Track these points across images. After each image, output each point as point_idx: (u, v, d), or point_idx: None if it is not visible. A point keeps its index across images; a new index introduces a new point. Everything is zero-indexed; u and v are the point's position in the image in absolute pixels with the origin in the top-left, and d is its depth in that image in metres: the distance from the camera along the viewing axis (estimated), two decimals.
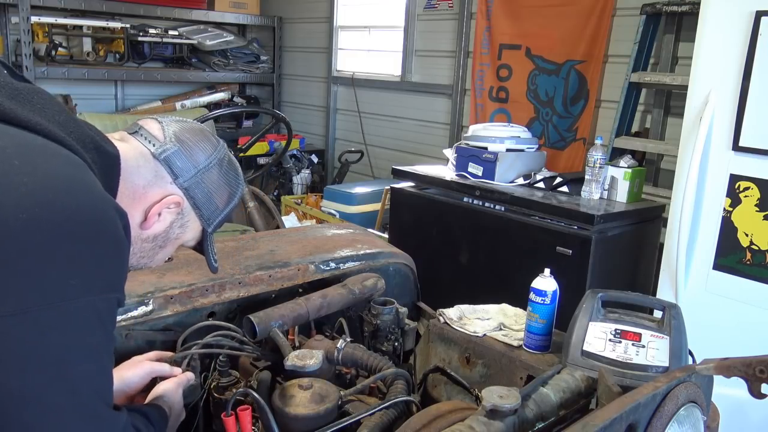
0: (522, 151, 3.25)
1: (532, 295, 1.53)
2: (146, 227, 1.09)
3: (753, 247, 2.23)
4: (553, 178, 3.14)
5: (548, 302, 1.51)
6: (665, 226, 2.53)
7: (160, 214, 1.09)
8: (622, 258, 2.86)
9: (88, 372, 0.85)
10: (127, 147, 1.07)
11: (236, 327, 1.44)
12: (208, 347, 1.37)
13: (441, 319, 1.69)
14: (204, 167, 1.13)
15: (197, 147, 1.13)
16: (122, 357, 1.35)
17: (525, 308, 1.58)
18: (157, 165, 1.08)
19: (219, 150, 1.16)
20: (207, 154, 1.14)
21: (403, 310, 1.64)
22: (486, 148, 3.20)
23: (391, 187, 3.51)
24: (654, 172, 3.48)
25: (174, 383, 1.23)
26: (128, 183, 1.04)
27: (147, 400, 1.19)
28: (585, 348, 1.42)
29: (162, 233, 1.12)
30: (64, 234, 0.82)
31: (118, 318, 1.37)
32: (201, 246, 1.21)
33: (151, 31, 5.24)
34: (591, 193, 2.89)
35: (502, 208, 2.95)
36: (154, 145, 1.09)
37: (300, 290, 1.65)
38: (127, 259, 0.96)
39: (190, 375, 1.28)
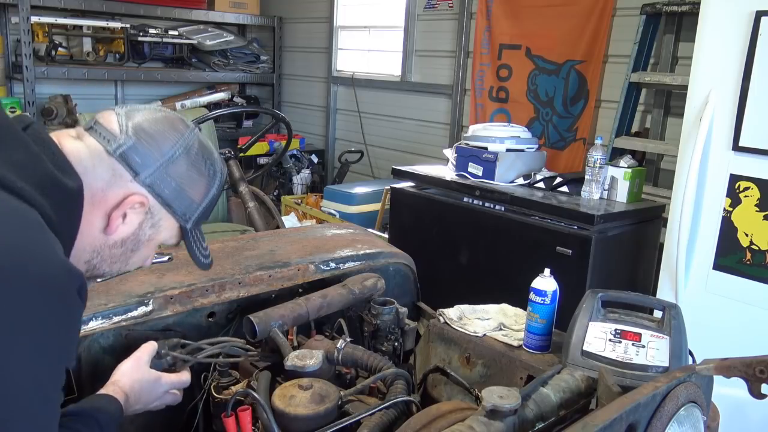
0: (522, 151, 3.25)
1: (532, 295, 1.53)
2: (110, 232, 1.02)
3: (753, 247, 2.23)
4: (553, 178, 3.14)
5: (548, 302, 1.51)
6: (665, 226, 2.53)
7: (124, 216, 1.01)
8: (622, 258, 2.86)
9: None
10: (82, 146, 0.99)
11: (237, 339, 1.43)
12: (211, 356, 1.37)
13: (441, 319, 1.69)
14: (168, 159, 1.02)
15: (159, 137, 1.02)
16: (122, 357, 1.35)
17: (525, 308, 1.58)
18: (114, 162, 0.99)
19: (186, 137, 1.05)
20: (171, 144, 1.03)
21: (403, 310, 1.63)
22: (486, 148, 3.20)
23: (391, 187, 3.51)
24: (654, 172, 3.48)
25: (133, 360, 1.22)
26: (86, 187, 0.96)
27: (109, 382, 1.18)
28: (585, 348, 1.42)
29: (131, 236, 1.04)
30: (10, 305, 0.77)
31: (119, 318, 1.37)
32: (184, 242, 1.13)
33: (151, 31, 5.23)
34: (591, 193, 2.89)
35: (502, 208, 2.95)
36: (108, 141, 1.00)
37: (300, 290, 1.65)
38: (80, 321, 0.90)
39: (151, 346, 1.27)
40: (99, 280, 1.16)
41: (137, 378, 1.22)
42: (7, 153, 0.87)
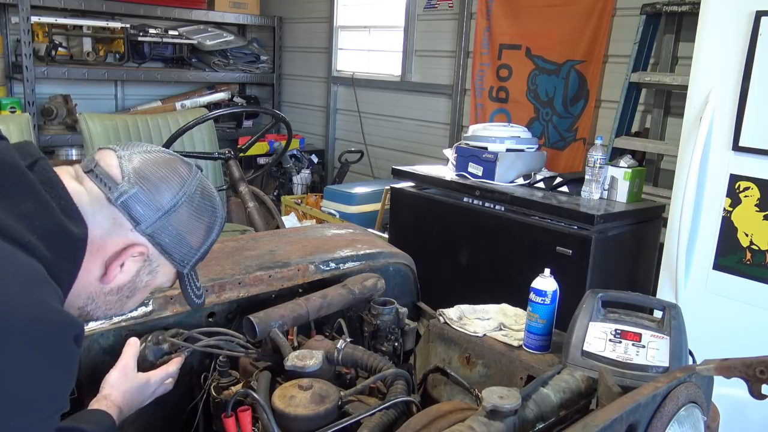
0: (522, 151, 3.25)
1: (532, 295, 1.53)
2: (107, 281, 1.00)
3: (753, 247, 2.23)
4: (553, 178, 3.14)
5: (548, 302, 1.51)
6: (665, 226, 2.53)
7: (122, 265, 1.00)
8: (622, 258, 2.85)
9: None
10: (82, 190, 0.97)
11: (237, 333, 1.43)
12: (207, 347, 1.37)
13: (441, 319, 1.69)
14: (170, 209, 1.00)
15: (162, 185, 1.00)
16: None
17: (525, 308, 1.58)
18: (114, 211, 0.97)
19: (189, 184, 1.03)
20: (173, 193, 1.01)
21: (403, 310, 1.63)
22: (486, 148, 3.20)
23: (391, 187, 3.51)
24: (654, 172, 3.48)
25: (120, 369, 1.23)
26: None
27: (100, 396, 1.19)
28: (585, 348, 1.42)
29: (127, 284, 1.03)
30: (12, 359, 0.78)
31: (119, 318, 1.37)
32: (180, 284, 1.12)
33: (151, 31, 5.23)
34: (591, 193, 2.89)
35: (502, 208, 2.95)
36: (109, 188, 0.97)
37: (300, 290, 1.65)
38: (75, 368, 0.90)
39: (134, 347, 1.27)
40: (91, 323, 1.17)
41: (127, 388, 1.22)
42: (16, 202, 0.87)
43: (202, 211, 1.06)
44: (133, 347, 1.28)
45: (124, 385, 1.22)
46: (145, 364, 1.31)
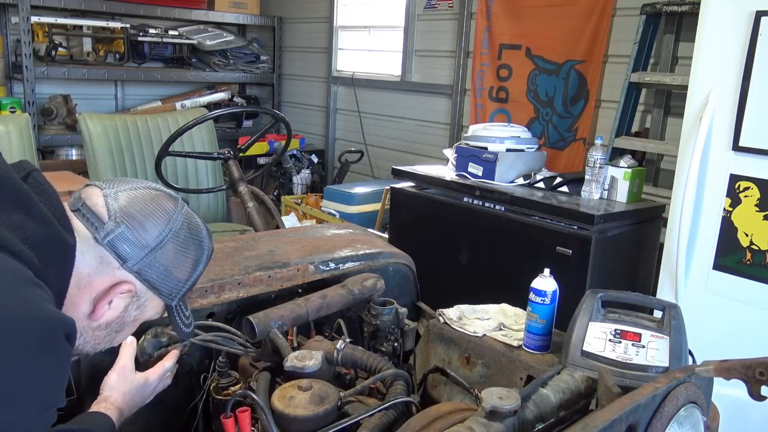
0: (522, 151, 3.25)
1: (531, 295, 1.53)
2: (96, 318, 1.01)
3: (753, 247, 2.22)
4: (553, 178, 3.14)
5: (548, 302, 1.51)
6: (665, 226, 2.53)
7: (110, 302, 1.01)
8: (622, 258, 2.85)
9: None
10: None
11: (236, 330, 1.43)
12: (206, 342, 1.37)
13: (441, 319, 1.69)
14: (156, 245, 1.02)
15: (147, 222, 1.01)
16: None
17: (525, 308, 1.58)
18: (101, 250, 0.99)
19: (174, 219, 1.05)
20: (159, 229, 1.02)
21: (403, 310, 1.63)
22: (486, 148, 3.19)
23: (391, 187, 3.51)
24: (654, 172, 3.48)
25: (119, 371, 1.24)
26: (74, 273, 0.97)
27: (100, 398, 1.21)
28: (585, 348, 1.41)
29: (116, 320, 1.04)
30: (2, 356, 0.79)
31: None
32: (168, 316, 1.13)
33: (151, 31, 5.23)
34: (591, 193, 2.89)
35: (502, 208, 2.95)
36: (96, 228, 0.98)
37: (299, 291, 1.65)
38: (68, 364, 0.92)
39: (131, 347, 1.28)
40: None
41: (126, 389, 1.23)
42: (9, 212, 0.89)
43: (188, 245, 1.07)
44: (130, 347, 1.28)
45: (123, 386, 1.23)
46: (144, 357, 1.32)
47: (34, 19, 4.56)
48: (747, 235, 2.23)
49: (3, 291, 0.83)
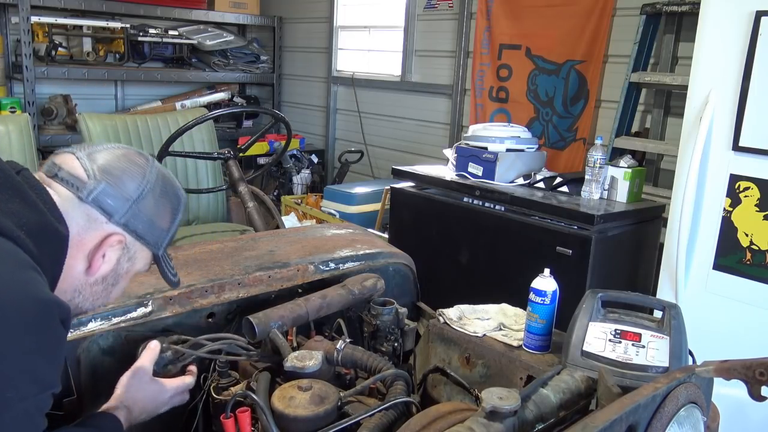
0: (522, 151, 3.25)
1: (531, 295, 1.53)
2: (92, 272, 1.07)
3: (753, 247, 2.22)
4: (553, 178, 3.14)
5: (548, 302, 1.51)
6: (665, 226, 2.53)
7: (104, 256, 1.06)
8: (622, 258, 2.85)
9: None
10: (53, 194, 1.02)
11: (238, 336, 1.43)
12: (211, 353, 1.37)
13: (441, 319, 1.69)
14: (137, 197, 1.07)
15: (125, 177, 1.07)
16: (122, 358, 1.35)
17: (525, 308, 1.58)
18: (87, 208, 1.03)
19: (149, 172, 1.10)
20: (137, 182, 1.08)
21: (403, 310, 1.63)
22: (486, 148, 3.19)
23: (391, 187, 3.51)
24: (654, 172, 3.48)
25: (135, 371, 1.25)
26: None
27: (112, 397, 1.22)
28: (585, 348, 1.41)
29: (110, 272, 1.09)
30: (4, 334, 0.83)
31: (118, 319, 1.37)
32: (157, 266, 1.18)
33: (151, 31, 5.23)
34: (591, 193, 2.89)
35: (502, 208, 2.95)
36: (77, 188, 1.03)
37: (299, 291, 1.65)
38: (64, 348, 0.96)
39: (153, 352, 1.29)
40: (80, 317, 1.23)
41: (141, 396, 1.24)
42: (5, 201, 0.94)
43: (165, 195, 1.13)
44: (151, 352, 1.29)
45: (138, 392, 1.24)
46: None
47: (34, 19, 4.56)
48: (747, 235, 2.23)
49: (5, 272, 0.88)
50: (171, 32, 5.38)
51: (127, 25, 5.11)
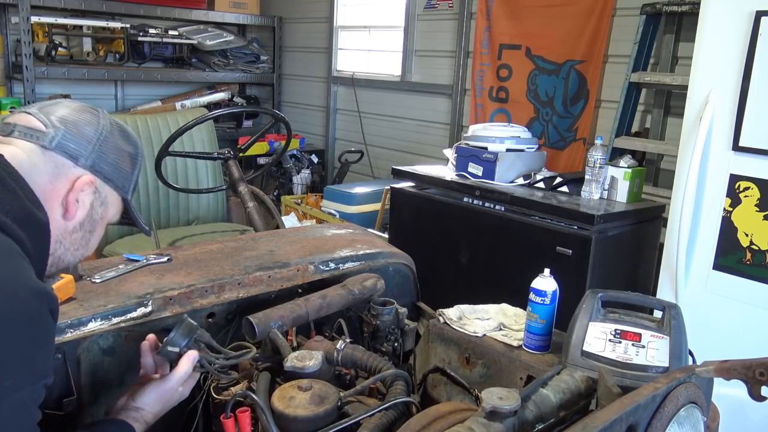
0: (522, 151, 3.25)
1: (531, 295, 1.53)
2: (70, 217, 1.08)
3: (753, 247, 2.22)
4: (553, 178, 3.14)
5: (548, 302, 1.51)
6: (665, 226, 2.53)
7: (78, 200, 1.08)
8: (622, 258, 2.85)
9: None
10: (13, 150, 1.03)
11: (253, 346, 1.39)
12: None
13: (441, 319, 1.69)
14: (98, 140, 1.11)
15: (82, 123, 1.10)
16: (121, 358, 1.35)
17: (525, 308, 1.58)
18: (53, 155, 1.05)
19: (102, 119, 1.14)
20: (94, 127, 1.11)
21: (403, 310, 1.63)
22: (486, 148, 3.19)
23: (391, 187, 3.51)
24: (654, 172, 3.48)
25: (161, 392, 1.24)
26: (34, 186, 1.02)
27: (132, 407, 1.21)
28: (585, 348, 1.41)
29: (86, 218, 1.11)
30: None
31: (118, 319, 1.37)
32: (128, 216, 1.21)
33: (151, 31, 5.23)
34: (591, 193, 2.89)
35: (502, 208, 2.95)
36: (38, 138, 1.05)
37: (299, 291, 1.65)
38: (53, 338, 0.97)
39: (187, 367, 1.26)
40: (61, 276, 1.28)
41: (160, 408, 1.24)
42: None
43: (124, 138, 1.16)
44: (186, 367, 1.25)
45: (159, 407, 1.24)
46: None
47: (34, 19, 4.56)
48: (747, 235, 2.23)
49: None
50: (171, 32, 5.38)
51: (127, 25, 5.11)
